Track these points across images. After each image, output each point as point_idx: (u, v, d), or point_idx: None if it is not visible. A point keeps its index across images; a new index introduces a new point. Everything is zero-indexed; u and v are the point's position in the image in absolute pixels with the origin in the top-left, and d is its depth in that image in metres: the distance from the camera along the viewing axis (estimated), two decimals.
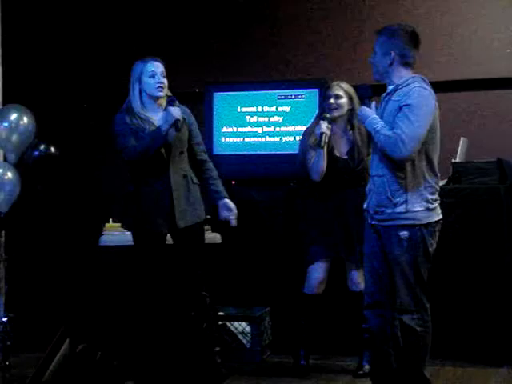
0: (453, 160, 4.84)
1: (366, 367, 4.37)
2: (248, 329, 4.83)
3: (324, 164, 4.30)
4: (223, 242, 5.14)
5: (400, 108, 3.51)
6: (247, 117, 5.44)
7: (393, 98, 3.59)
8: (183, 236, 4.24)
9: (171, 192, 4.16)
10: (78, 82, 6.44)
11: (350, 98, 4.39)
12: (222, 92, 5.50)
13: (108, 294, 4.82)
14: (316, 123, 4.40)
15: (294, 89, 5.31)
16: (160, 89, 4.20)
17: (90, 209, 6.56)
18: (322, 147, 4.27)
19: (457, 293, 4.64)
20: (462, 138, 4.95)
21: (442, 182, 4.74)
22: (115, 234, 4.87)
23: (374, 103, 3.72)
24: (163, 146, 4.14)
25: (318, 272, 4.40)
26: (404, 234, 3.54)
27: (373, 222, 3.69)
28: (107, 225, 5.04)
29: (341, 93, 4.39)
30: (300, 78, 5.59)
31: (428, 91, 3.57)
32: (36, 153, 6.19)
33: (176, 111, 4.11)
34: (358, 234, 4.27)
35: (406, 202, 3.54)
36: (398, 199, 3.55)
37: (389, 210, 3.58)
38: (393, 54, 3.59)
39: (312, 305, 4.46)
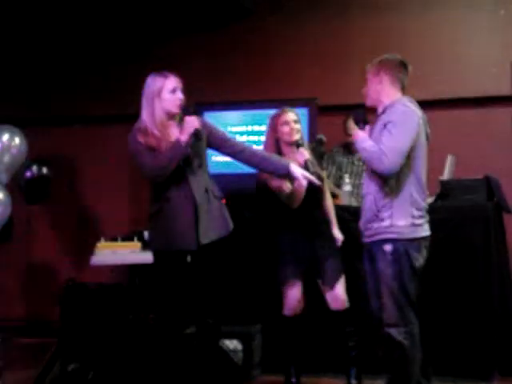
0: (440, 177, 4.88)
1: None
2: (239, 346, 4.83)
3: (304, 190, 4.25)
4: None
5: (385, 125, 3.62)
6: (237, 136, 5.49)
7: (380, 118, 3.70)
8: (203, 253, 3.98)
9: (195, 207, 3.92)
10: (70, 103, 6.49)
11: (300, 122, 4.41)
12: (212, 111, 5.55)
13: (99, 313, 4.83)
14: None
15: None
16: (180, 105, 3.93)
17: (83, 227, 6.59)
18: (311, 173, 4.19)
19: (445, 308, 4.66)
20: (449, 156, 5.00)
21: (429, 200, 4.79)
22: (107, 254, 4.89)
23: (367, 126, 3.82)
24: (182, 160, 3.90)
25: (293, 292, 4.40)
26: (388, 247, 3.62)
27: (364, 240, 3.78)
28: (98, 244, 5.05)
29: (296, 117, 4.39)
30: (289, 98, 5.63)
31: (411, 110, 3.66)
32: (28, 173, 6.23)
33: (193, 120, 3.89)
34: (328, 251, 4.34)
35: (391, 216, 3.63)
36: (384, 214, 3.64)
37: (375, 225, 3.67)
38: (382, 73, 3.71)
39: (294, 326, 4.46)
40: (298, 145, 4.31)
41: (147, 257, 4.24)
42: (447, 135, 5.61)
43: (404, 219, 3.62)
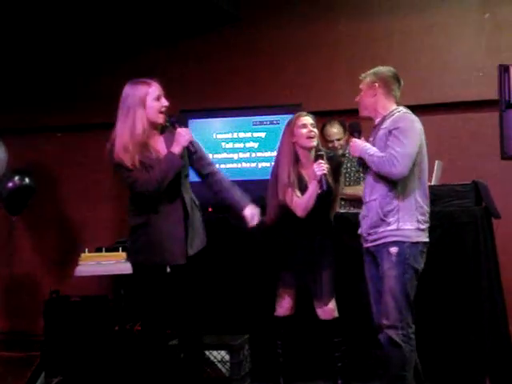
0: (428, 183, 4.84)
1: None
2: (227, 357, 4.76)
3: (313, 203, 4.19)
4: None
5: (390, 132, 3.69)
6: (223, 143, 5.45)
7: (382, 127, 3.76)
8: (187, 264, 3.88)
9: (185, 218, 3.83)
10: (51, 112, 6.43)
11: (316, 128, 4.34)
12: (198, 119, 5.51)
13: (84, 326, 4.76)
14: (292, 163, 4.26)
15: (268, 115, 5.33)
16: (164, 114, 3.81)
17: (66, 238, 6.52)
18: (324, 190, 4.10)
19: (435, 314, 4.62)
20: (436, 161, 4.96)
21: None
22: (91, 264, 4.82)
23: (362, 138, 3.91)
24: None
25: (287, 297, 4.41)
26: (393, 249, 3.68)
27: (367, 245, 3.83)
28: (82, 255, 4.98)
29: (313, 122, 4.31)
30: (275, 104, 5.59)
31: (413, 116, 3.79)
32: (10, 184, 6.16)
33: (187, 132, 3.76)
34: (324, 263, 4.30)
35: (397, 220, 3.70)
36: (390, 219, 3.71)
37: (381, 229, 3.73)
38: (377, 84, 3.81)
39: (286, 326, 4.44)
40: (317, 156, 4.17)
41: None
42: (434, 140, 5.51)
43: (410, 223, 3.70)
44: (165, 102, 3.82)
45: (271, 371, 4.55)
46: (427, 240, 3.78)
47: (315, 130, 4.30)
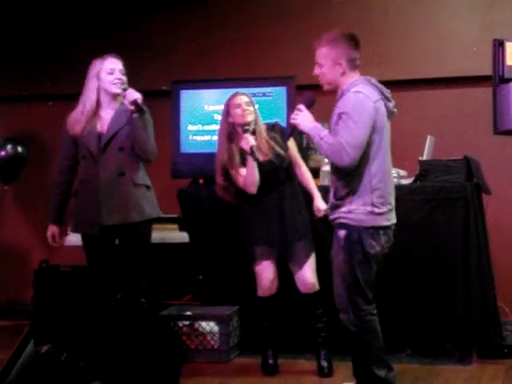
0: (420, 158, 4.84)
1: (325, 365, 4.39)
2: (216, 328, 4.79)
3: (257, 174, 4.26)
4: (191, 241, 5.11)
5: (339, 116, 3.48)
6: (214, 115, 5.40)
7: (336, 106, 3.57)
8: (117, 235, 4.21)
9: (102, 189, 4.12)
10: (43, 80, 6.38)
11: (253, 105, 4.40)
12: (189, 90, 5.46)
13: (73, 293, 4.77)
14: (227, 144, 4.36)
15: (261, 87, 5.27)
16: (118, 85, 4.13)
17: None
18: (257, 159, 4.22)
19: (424, 290, 4.64)
20: (428, 136, 4.96)
21: (409, 180, 4.78)
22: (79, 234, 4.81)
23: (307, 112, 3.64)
24: (97, 146, 4.14)
25: (265, 272, 4.40)
26: (341, 232, 3.55)
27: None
28: None
29: (248, 99, 4.36)
30: (267, 76, 5.54)
31: (363, 95, 3.48)
32: (2, 153, 6.14)
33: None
34: (297, 231, 4.32)
35: (350, 203, 3.52)
36: (344, 201, 3.55)
37: (336, 211, 3.60)
38: (343, 62, 3.55)
39: (269, 306, 4.46)
40: (244, 130, 4.29)
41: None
42: (427, 115, 5.57)
43: (363, 207, 3.49)
44: (117, 76, 4.15)
45: (260, 343, 4.57)
46: (387, 224, 3.55)
47: (250, 108, 4.34)
